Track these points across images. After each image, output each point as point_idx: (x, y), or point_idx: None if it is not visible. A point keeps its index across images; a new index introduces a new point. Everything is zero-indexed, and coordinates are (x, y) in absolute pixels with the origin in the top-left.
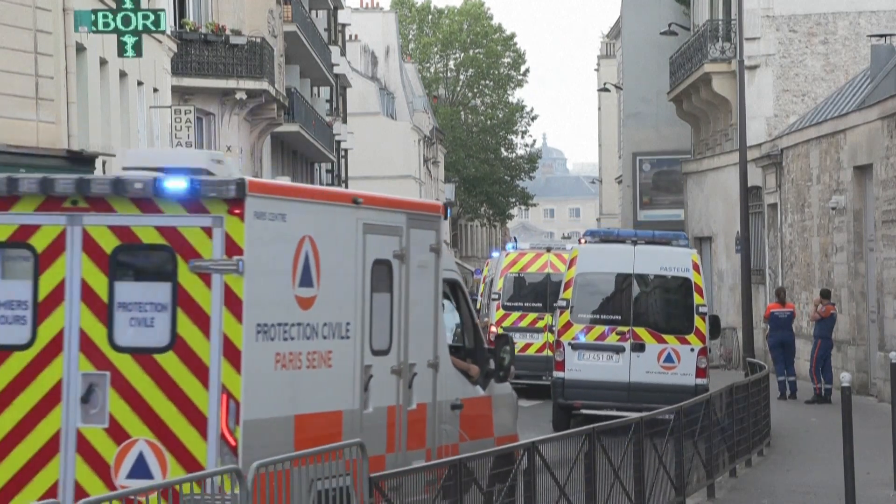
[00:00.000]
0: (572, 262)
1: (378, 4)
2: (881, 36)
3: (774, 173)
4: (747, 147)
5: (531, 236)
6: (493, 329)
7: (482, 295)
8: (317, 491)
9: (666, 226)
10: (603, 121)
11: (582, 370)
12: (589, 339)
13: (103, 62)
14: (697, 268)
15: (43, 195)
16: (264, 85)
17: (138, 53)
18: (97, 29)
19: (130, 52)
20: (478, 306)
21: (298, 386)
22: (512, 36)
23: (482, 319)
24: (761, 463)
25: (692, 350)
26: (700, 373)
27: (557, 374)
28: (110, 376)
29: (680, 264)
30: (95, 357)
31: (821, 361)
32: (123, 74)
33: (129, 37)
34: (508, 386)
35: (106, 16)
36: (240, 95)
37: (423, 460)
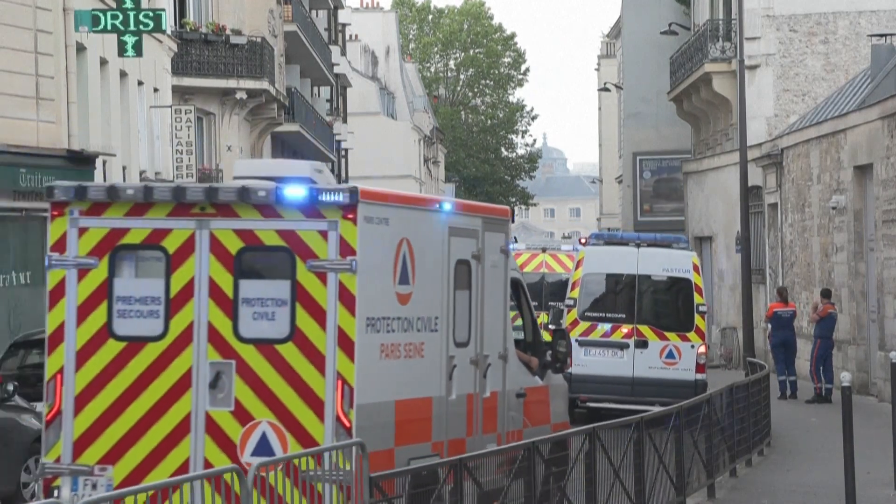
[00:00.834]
0: (579, 264)
1: (378, 4)
2: (881, 36)
3: (775, 173)
4: (748, 147)
5: (531, 236)
6: None
7: None
8: (411, 466)
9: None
10: (603, 120)
11: (588, 365)
12: (595, 336)
13: (103, 62)
14: (697, 269)
15: (174, 202)
16: (264, 85)
17: (138, 53)
18: (97, 29)
19: (131, 52)
20: None
21: (398, 374)
22: (512, 36)
23: None
24: (761, 463)
25: (692, 347)
26: (700, 368)
27: None
28: (236, 364)
29: (681, 266)
30: (222, 347)
31: (820, 361)
32: (124, 74)
33: (130, 36)
34: (561, 377)
35: (106, 15)
36: (240, 95)
37: (495, 444)
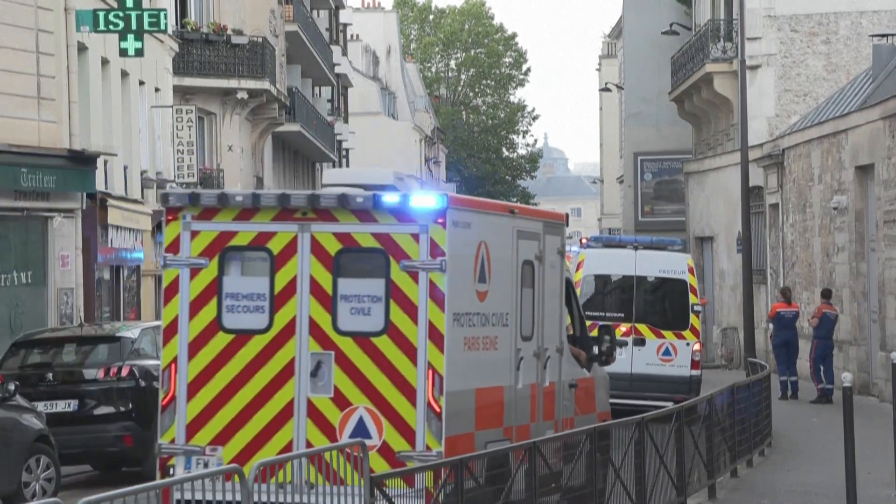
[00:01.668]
0: (579, 266)
1: (379, 4)
2: (883, 36)
3: (776, 173)
4: (749, 147)
5: None
6: None
7: None
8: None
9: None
10: (604, 121)
11: None
12: (595, 335)
13: (105, 62)
14: (692, 270)
15: (279, 207)
16: (265, 85)
17: (140, 53)
18: (99, 28)
19: (132, 52)
20: None
21: (477, 364)
22: (513, 36)
23: None
24: (762, 463)
25: (688, 344)
26: (695, 365)
27: None
28: (335, 355)
29: (676, 267)
30: (322, 339)
31: (819, 361)
32: (125, 74)
33: (131, 36)
34: (605, 370)
35: (107, 15)
36: (241, 95)
37: (553, 431)
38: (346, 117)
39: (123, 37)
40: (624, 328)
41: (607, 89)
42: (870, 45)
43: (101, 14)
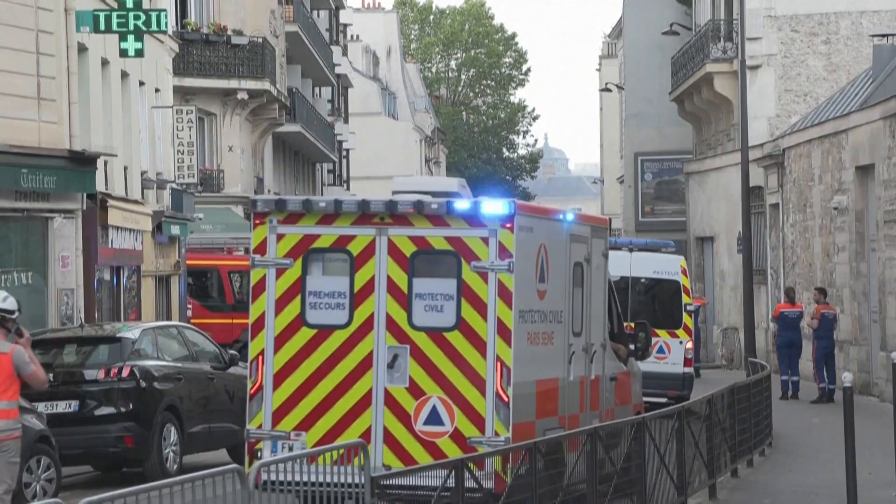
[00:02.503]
0: None
1: (380, 4)
2: (883, 36)
3: (776, 173)
4: (749, 147)
5: None
6: None
7: None
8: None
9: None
10: (605, 121)
11: None
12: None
13: (105, 62)
14: (685, 272)
15: (359, 212)
16: (266, 85)
17: (140, 54)
18: (99, 29)
19: (132, 53)
20: None
21: (538, 357)
22: (513, 36)
23: None
24: (763, 463)
25: (681, 343)
26: (687, 362)
27: None
28: (410, 348)
29: (670, 268)
30: (398, 334)
31: (820, 361)
32: (125, 74)
33: (131, 37)
34: (638, 364)
35: (108, 16)
36: (241, 95)
37: (598, 420)
38: (347, 118)
39: (123, 37)
40: None
41: (608, 89)
42: (870, 45)
43: (102, 14)
